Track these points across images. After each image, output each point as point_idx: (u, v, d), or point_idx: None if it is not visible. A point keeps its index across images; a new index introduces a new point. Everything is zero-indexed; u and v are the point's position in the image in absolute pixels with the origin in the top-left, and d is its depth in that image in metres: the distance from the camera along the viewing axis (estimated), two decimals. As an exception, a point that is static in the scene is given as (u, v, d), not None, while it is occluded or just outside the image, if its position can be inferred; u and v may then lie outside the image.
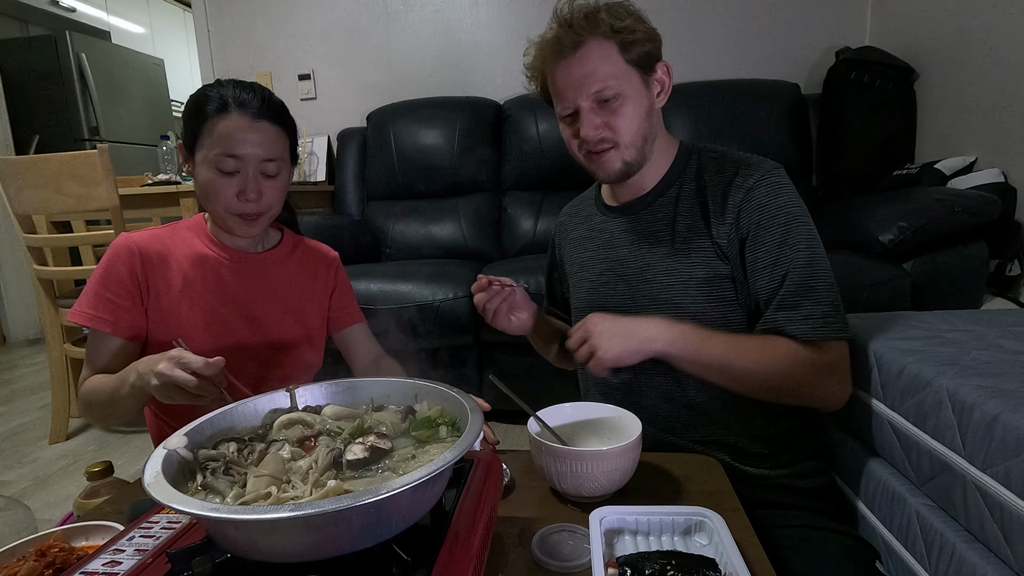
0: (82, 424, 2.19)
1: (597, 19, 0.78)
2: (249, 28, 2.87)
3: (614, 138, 0.82)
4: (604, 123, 0.81)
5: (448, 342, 1.85)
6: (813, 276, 0.77)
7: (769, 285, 0.79)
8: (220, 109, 0.85)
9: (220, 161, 0.84)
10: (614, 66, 0.80)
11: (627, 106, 0.81)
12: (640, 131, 0.83)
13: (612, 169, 0.84)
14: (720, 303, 0.82)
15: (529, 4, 2.65)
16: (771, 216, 0.79)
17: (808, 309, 0.76)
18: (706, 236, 0.82)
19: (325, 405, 0.65)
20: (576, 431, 0.79)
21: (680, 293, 0.83)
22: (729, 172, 0.83)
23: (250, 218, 0.89)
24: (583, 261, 0.98)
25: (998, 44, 1.81)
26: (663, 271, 0.85)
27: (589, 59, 0.79)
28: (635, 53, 0.80)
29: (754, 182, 0.80)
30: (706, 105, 2.29)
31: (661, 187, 0.88)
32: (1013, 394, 0.63)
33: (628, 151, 0.83)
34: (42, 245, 1.99)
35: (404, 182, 2.53)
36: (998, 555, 0.61)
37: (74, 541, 0.65)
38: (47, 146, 3.65)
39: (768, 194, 0.80)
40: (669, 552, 0.56)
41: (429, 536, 0.49)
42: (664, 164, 0.88)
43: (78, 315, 0.87)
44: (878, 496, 0.83)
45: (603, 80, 0.79)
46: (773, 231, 0.78)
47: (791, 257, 0.77)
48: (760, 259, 0.79)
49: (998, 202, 1.61)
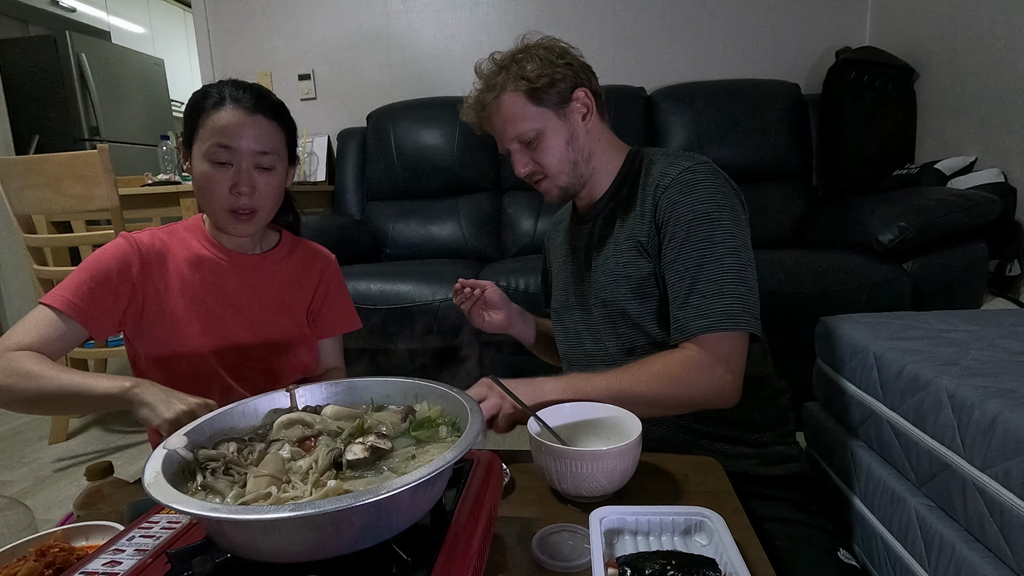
0: (82, 424, 2.20)
1: (508, 74, 0.88)
2: (249, 28, 2.87)
3: (542, 171, 0.91)
4: (530, 159, 0.91)
5: (448, 342, 1.84)
6: (716, 271, 0.79)
7: (671, 280, 0.83)
8: (217, 103, 0.85)
9: (214, 152, 0.84)
10: (525, 111, 0.88)
11: (545, 141, 0.89)
12: (565, 159, 0.90)
13: (551, 196, 0.94)
14: (647, 299, 0.87)
15: (529, 4, 2.66)
16: (679, 213, 0.82)
17: (708, 303, 0.78)
18: (633, 236, 0.88)
19: (325, 405, 0.65)
20: (576, 431, 0.79)
21: (616, 292, 0.89)
22: (655, 172, 0.88)
23: (243, 215, 0.88)
24: (559, 266, 1.06)
25: (998, 44, 1.81)
26: (604, 272, 0.92)
27: (502, 111, 0.90)
28: (543, 96, 0.88)
29: (669, 180, 0.84)
30: (706, 105, 2.29)
31: (610, 193, 0.95)
32: (1013, 394, 0.63)
33: (560, 178, 0.91)
34: (42, 245, 1.99)
35: (404, 182, 2.53)
36: (998, 555, 0.61)
37: (74, 541, 0.65)
38: (47, 146, 3.65)
39: (680, 191, 0.83)
40: (669, 552, 0.56)
41: (429, 536, 0.49)
42: (612, 172, 0.95)
43: (56, 298, 0.81)
44: (878, 496, 0.83)
45: (517, 126, 0.89)
46: (679, 228, 0.82)
47: (692, 254, 0.80)
48: (667, 255, 0.83)
49: (998, 202, 1.61)
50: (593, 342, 0.96)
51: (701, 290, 0.79)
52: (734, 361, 0.79)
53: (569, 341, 1.01)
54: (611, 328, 0.92)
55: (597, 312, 0.94)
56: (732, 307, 0.78)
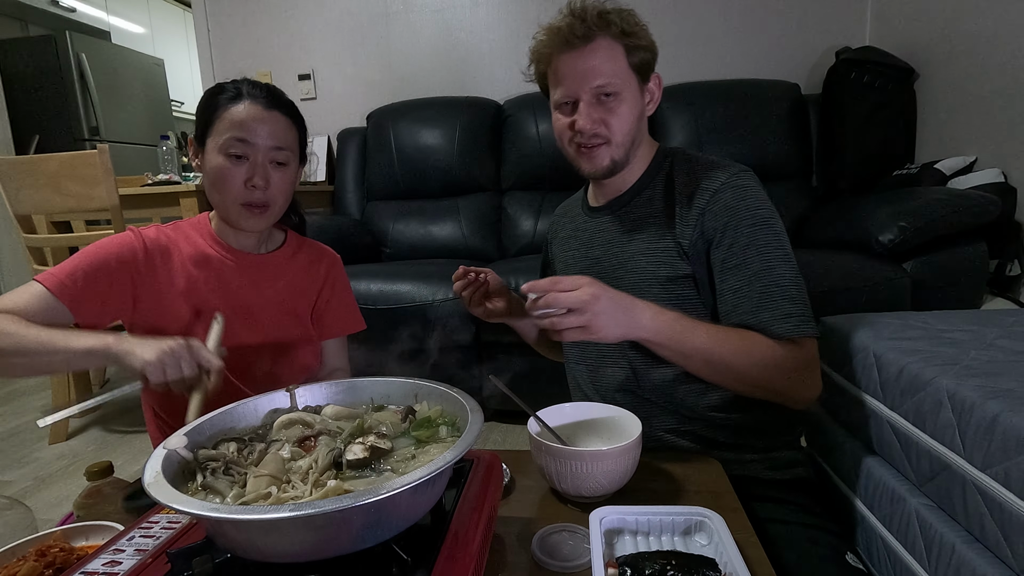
0: (82, 424, 2.20)
1: (609, 19, 0.82)
2: (249, 28, 2.87)
3: (607, 134, 0.85)
4: (600, 118, 0.84)
5: (448, 342, 1.84)
6: (784, 276, 0.79)
7: (737, 285, 0.80)
8: (234, 98, 0.87)
9: (231, 145, 0.85)
10: (618, 66, 0.83)
11: (623, 107, 0.84)
12: (630, 132, 0.86)
13: (600, 165, 0.87)
14: (681, 301, 0.84)
15: (529, 4, 2.65)
16: (738, 218, 0.80)
17: (787, 308, 0.77)
18: (670, 237, 0.85)
19: (325, 405, 0.65)
20: (576, 431, 0.79)
21: (644, 290, 0.86)
22: (697, 175, 0.85)
23: (257, 209, 0.89)
24: (567, 259, 1.02)
25: (998, 44, 1.81)
26: (631, 269, 0.88)
27: (596, 54, 0.82)
28: (637, 59, 0.84)
29: (720, 185, 0.82)
30: (706, 105, 2.29)
31: (636, 188, 0.91)
32: (1013, 394, 0.63)
33: (617, 149, 0.86)
34: (42, 245, 1.99)
35: (404, 182, 2.53)
36: (998, 555, 0.61)
37: (74, 541, 0.65)
38: (47, 146, 3.65)
39: (734, 196, 0.81)
40: (669, 552, 0.56)
41: (429, 536, 0.49)
42: (642, 167, 0.92)
43: (48, 276, 0.81)
44: (878, 496, 0.83)
45: (607, 77, 0.82)
46: (740, 232, 0.80)
47: (761, 258, 0.79)
48: (728, 260, 0.81)
49: (998, 202, 1.61)
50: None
51: (774, 294, 0.78)
52: (819, 366, 0.80)
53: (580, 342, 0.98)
54: None
55: None
56: (806, 313, 0.78)
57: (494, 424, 1.99)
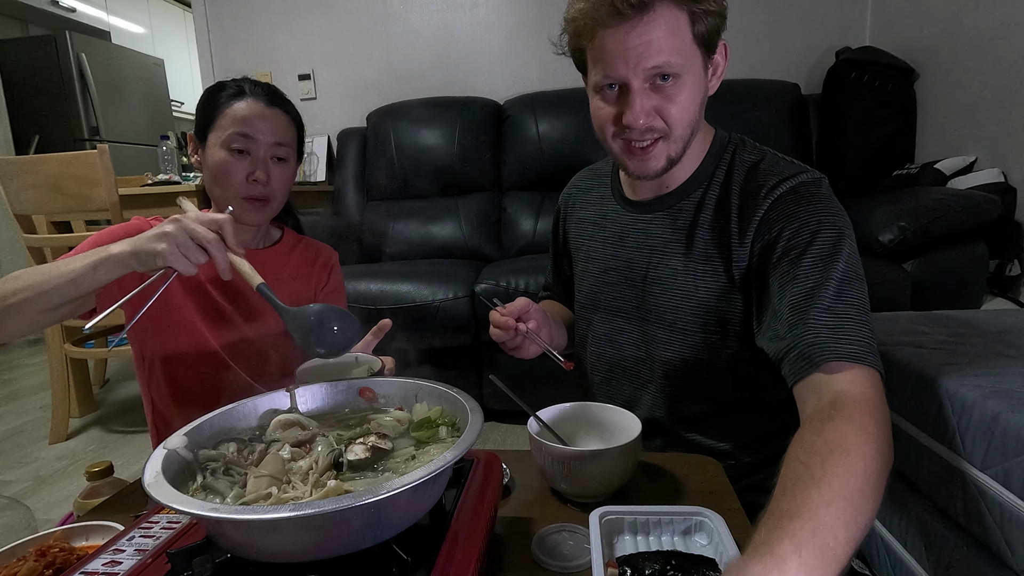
0: (82, 424, 2.20)
1: None
2: (249, 28, 2.87)
3: (664, 128, 0.69)
4: (655, 108, 0.68)
5: (448, 342, 1.84)
6: (852, 295, 0.63)
7: (795, 299, 0.64)
8: (236, 95, 0.89)
9: (233, 140, 0.87)
10: (681, 41, 0.66)
11: (684, 92, 0.68)
12: (691, 123, 0.71)
13: (655, 167, 0.72)
14: (721, 330, 0.75)
15: (528, 4, 2.65)
16: (801, 224, 0.67)
17: (854, 330, 0.61)
18: (721, 259, 0.73)
19: (325, 405, 0.65)
20: (576, 431, 0.79)
21: (684, 313, 0.76)
22: (758, 181, 0.72)
23: (258, 202, 0.90)
24: (589, 250, 0.90)
25: (998, 44, 1.81)
26: (672, 287, 0.77)
27: (655, 27, 0.64)
28: (704, 27, 0.67)
29: (782, 192, 0.70)
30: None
31: (686, 187, 0.78)
32: (1013, 394, 0.63)
33: (675, 145, 0.71)
34: (42, 245, 1.99)
35: (404, 182, 2.53)
36: (998, 555, 0.61)
37: (74, 541, 0.65)
38: (47, 146, 3.65)
39: (797, 202, 0.69)
40: (669, 552, 0.55)
41: (429, 536, 0.49)
42: (695, 160, 0.77)
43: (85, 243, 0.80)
44: (878, 496, 0.83)
45: (666, 55, 0.65)
46: (801, 239, 0.66)
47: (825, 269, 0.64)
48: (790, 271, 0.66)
49: (998, 202, 1.62)
50: (635, 348, 0.84)
51: (853, 312, 0.62)
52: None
53: (599, 348, 0.89)
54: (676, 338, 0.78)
55: (651, 325, 0.80)
56: (872, 342, 0.61)
57: (494, 424, 1.99)
